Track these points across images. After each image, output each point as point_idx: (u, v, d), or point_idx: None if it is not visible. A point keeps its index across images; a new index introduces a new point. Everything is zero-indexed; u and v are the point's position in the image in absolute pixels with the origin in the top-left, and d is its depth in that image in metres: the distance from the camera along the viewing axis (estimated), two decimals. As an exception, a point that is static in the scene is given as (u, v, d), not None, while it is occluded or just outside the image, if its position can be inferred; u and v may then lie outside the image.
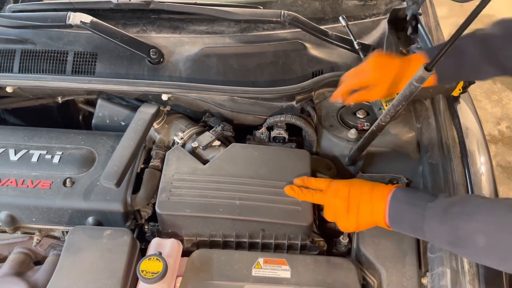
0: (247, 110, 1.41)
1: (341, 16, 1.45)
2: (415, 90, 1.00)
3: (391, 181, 1.35)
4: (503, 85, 3.72)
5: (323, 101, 1.43)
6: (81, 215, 1.21)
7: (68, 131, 1.37)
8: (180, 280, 1.09)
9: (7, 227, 1.23)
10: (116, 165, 1.17)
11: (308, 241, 1.20)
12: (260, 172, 1.23)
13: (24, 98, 1.54)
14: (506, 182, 2.93)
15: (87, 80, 1.36)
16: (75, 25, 1.34)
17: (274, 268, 1.10)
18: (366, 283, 1.16)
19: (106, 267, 1.06)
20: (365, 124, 1.33)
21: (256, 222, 1.16)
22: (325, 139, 1.35)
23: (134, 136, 1.26)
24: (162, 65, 1.39)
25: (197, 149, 1.33)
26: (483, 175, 1.24)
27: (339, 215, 1.08)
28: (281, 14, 1.36)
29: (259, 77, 1.39)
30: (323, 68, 1.41)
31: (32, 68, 1.39)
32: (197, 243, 1.22)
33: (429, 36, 1.54)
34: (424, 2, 1.58)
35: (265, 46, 1.44)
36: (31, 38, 1.43)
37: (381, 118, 1.11)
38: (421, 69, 0.95)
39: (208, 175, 1.22)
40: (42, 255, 1.29)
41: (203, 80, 1.36)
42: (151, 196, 1.26)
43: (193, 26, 1.51)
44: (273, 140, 1.41)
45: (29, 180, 1.22)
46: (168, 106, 1.44)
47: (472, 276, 1.04)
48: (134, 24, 1.50)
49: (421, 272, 1.13)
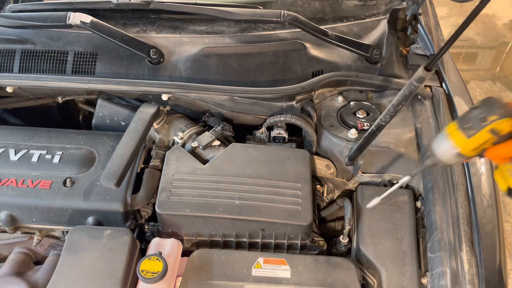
0: (247, 110, 1.41)
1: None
2: (415, 90, 1.00)
3: (390, 181, 1.36)
4: (503, 85, 3.72)
5: (323, 101, 1.43)
6: (81, 215, 1.21)
7: (68, 131, 1.37)
8: (180, 280, 1.09)
9: (7, 227, 1.23)
10: (116, 165, 1.17)
11: (308, 241, 1.20)
12: (260, 172, 1.23)
13: (24, 98, 1.54)
14: (506, 182, 2.93)
15: (87, 80, 1.36)
16: (75, 25, 1.34)
17: (274, 268, 1.11)
18: (366, 283, 1.16)
19: (106, 267, 1.06)
20: (365, 124, 1.33)
21: (256, 222, 1.16)
22: (325, 139, 1.35)
23: (134, 136, 1.26)
24: (162, 65, 1.39)
25: (197, 149, 1.33)
26: (483, 175, 1.24)
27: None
28: (281, 14, 1.36)
29: (259, 77, 1.39)
30: (323, 68, 1.41)
31: (32, 68, 1.39)
32: (197, 243, 1.22)
33: (429, 36, 1.54)
34: (424, 2, 1.58)
35: (265, 46, 1.44)
36: (31, 38, 1.43)
37: (381, 118, 1.11)
38: (421, 69, 0.95)
39: (208, 175, 1.22)
40: (42, 255, 1.29)
41: (203, 80, 1.37)
42: (151, 196, 1.26)
43: (193, 26, 1.51)
44: (273, 140, 1.41)
45: (29, 180, 1.22)
46: (168, 106, 1.44)
47: (472, 276, 1.04)
48: (134, 24, 1.50)
49: (421, 272, 1.13)
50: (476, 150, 0.90)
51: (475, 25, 4.22)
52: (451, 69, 1.55)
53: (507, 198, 1.33)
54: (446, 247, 1.09)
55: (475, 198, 1.17)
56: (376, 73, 1.43)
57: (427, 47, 1.51)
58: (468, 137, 0.89)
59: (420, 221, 1.23)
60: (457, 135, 0.90)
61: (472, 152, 0.91)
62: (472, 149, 0.90)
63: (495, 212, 1.19)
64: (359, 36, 1.50)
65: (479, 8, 0.83)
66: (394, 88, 1.40)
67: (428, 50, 1.49)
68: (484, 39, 4.24)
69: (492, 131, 0.87)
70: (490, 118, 0.86)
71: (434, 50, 1.49)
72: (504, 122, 0.86)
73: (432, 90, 1.41)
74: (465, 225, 1.12)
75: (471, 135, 0.89)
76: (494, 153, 0.92)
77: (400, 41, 1.47)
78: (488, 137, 0.88)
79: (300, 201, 1.18)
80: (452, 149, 0.92)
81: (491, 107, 0.87)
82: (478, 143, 0.89)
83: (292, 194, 1.19)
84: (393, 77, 1.41)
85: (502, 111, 0.86)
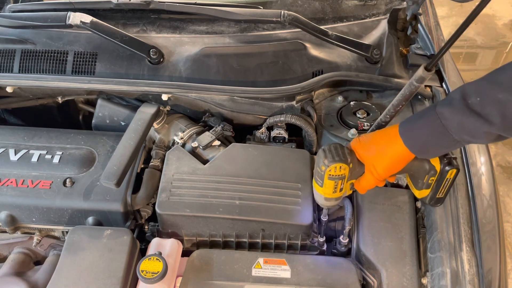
0: (247, 110, 1.41)
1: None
2: (415, 90, 1.00)
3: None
4: (503, 85, 3.71)
5: (323, 101, 1.43)
6: (81, 215, 1.21)
7: (68, 131, 1.37)
8: (180, 280, 1.09)
9: (7, 227, 1.23)
10: (116, 165, 1.17)
11: (308, 241, 1.20)
12: (260, 172, 1.23)
13: (24, 98, 1.54)
14: (506, 182, 2.93)
15: (87, 80, 1.36)
16: (75, 25, 1.34)
17: (274, 268, 1.10)
18: (366, 283, 1.16)
19: (106, 267, 1.06)
20: (365, 124, 1.33)
21: (256, 222, 1.16)
22: (325, 139, 1.35)
23: (134, 136, 1.26)
24: (162, 65, 1.39)
25: (197, 149, 1.33)
26: (483, 175, 1.25)
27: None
28: (281, 14, 1.36)
29: (259, 77, 1.39)
30: (323, 68, 1.41)
31: (32, 68, 1.39)
32: (197, 243, 1.22)
33: (429, 36, 1.54)
34: (424, 2, 1.58)
35: (265, 46, 1.44)
36: (31, 38, 1.43)
37: (381, 118, 1.11)
38: (421, 69, 0.95)
39: (208, 175, 1.22)
40: (42, 255, 1.29)
41: (203, 80, 1.37)
42: (151, 196, 1.26)
43: (193, 26, 1.51)
44: (273, 140, 1.41)
45: (29, 180, 1.22)
46: (168, 106, 1.44)
47: (472, 276, 1.04)
48: (134, 24, 1.50)
49: (421, 272, 1.13)
50: (336, 191, 1.02)
51: (475, 25, 4.22)
52: (451, 69, 1.55)
53: (507, 198, 1.33)
54: (446, 247, 1.09)
55: (475, 198, 1.17)
56: (376, 73, 1.43)
57: (427, 47, 1.51)
58: (321, 186, 1.02)
59: (420, 221, 1.23)
60: (317, 186, 1.04)
61: (336, 194, 1.03)
62: (332, 192, 1.03)
63: (495, 212, 1.19)
64: (359, 36, 1.50)
65: (479, 8, 0.83)
66: (394, 88, 1.40)
67: (428, 50, 1.49)
68: (484, 39, 4.24)
69: (332, 177, 0.99)
70: (321, 168, 0.98)
71: (434, 50, 1.49)
72: (332, 168, 0.97)
73: (432, 90, 1.41)
74: (465, 225, 1.12)
75: (321, 184, 1.02)
76: (360, 188, 1.07)
77: (400, 41, 1.47)
78: (333, 182, 1.00)
79: (300, 201, 1.18)
80: (320, 197, 1.07)
81: (319, 158, 0.99)
82: (331, 187, 1.01)
83: (292, 194, 1.19)
84: (393, 77, 1.41)
85: (326, 161, 0.97)
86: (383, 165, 0.99)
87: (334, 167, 0.97)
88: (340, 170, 0.98)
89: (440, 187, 1.03)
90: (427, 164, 1.00)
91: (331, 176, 0.99)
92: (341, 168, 0.98)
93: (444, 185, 1.02)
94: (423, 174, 1.02)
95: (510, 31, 4.37)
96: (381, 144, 0.99)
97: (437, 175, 1.00)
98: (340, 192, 1.03)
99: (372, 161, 1.00)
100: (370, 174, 1.02)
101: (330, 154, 0.97)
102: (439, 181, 1.01)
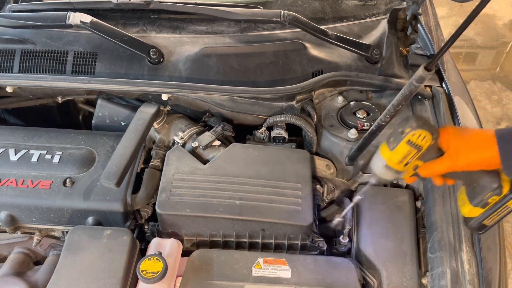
0: (247, 110, 1.41)
1: None
2: (415, 90, 1.00)
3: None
4: (503, 85, 3.72)
5: (323, 101, 1.43)
6: (81, 215, 1.21)
7: (68, 131, 1.37)
8: (180, 280, 1.09)
9: (7, 227, 1.23)
10: (116, 165, 1.17)
11: (308, 241, 1.20)
12: (260, 172, 1.23)
13: (24, 98, 1.54)
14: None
15: (87, 80, 1.36)
16: (75, 25, 1.34)
17: (274, 268, 1.10)
18: (366, 283, 1.16)
19: (106, 267, 1.06)
20: (365, 124, 1.33)
21: (256, 222, 1.16)
22: (325, 139, 1.35)
23: (134, 136, 1.26)
24: (162, 65, 1.39)
25: (197, 149, 1.33)
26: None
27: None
28: (281, 14, 1.36)
29: (259, 77, 1.39)
30: (323, 68, 1.41)
31: (32, 68, 1.39)
32: (197, 243, 1.22)
33: (429, 36, 1.54)
34: (424, 2, 1.58)
35: (265, 46, 1.44)
36: (31, 38, 1.43)
37: (381, 118, 1.11)
38: (421, 68, 0.95)
39: (208, 175, 1.22)
40: (42, 255, 1.29)
41: (203, 80, 1.37)
42: (151, 196, 1.26)
43: (193, 26, 1.51)
44: (273, 140, 1.41)
45: (29, 180, 1.22)
46: (168, 106, 1.44)
47: (472, 276, 1.04)
48: (134, 24, 1.50)
49: (421, 272, 1.13)
50: (402, 163, 0.95)
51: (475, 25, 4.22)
52: (451, 69, 1.55)
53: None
54: (446, 247, 1.09)
55: (475, 198, 1.17)
56: (376, 73, 1.43)
57: (427, 47, 1.51)
58: (391, 150, 0.95)
59: (420, 221, 1.23)
60: (384, 149, 0.96)
61: (399, 166, 0.96)
62: (398, 161, 0.95)
63: (495, 212, 1.19)
64: (359, 36, 1.50)
65: (479, 8, 0.83)
66: (394, 88, 1.41)
67: (428, 50, 1.49)
68: (484, 39, 4.24)
69: (410, 143, 0.92)
70: (406, 130, 0.92)
71: (434, 50, 1.49)
72: (417, 133, 0.91)
73: (432, 90, 1.41)
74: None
75: (393, 148, 0.94)
76: (425, 170, 0.98)
77: (400, 41, 1.47)
78: (408, 149, 0.93)
79: (300, 201, 1.18)
80: (381, 162, 0.98)
81: (407, 121, 0.94)
82: (401, 155, 0.94)
83: (292, 195, 1.19)
84: (393, 77, 1.41)
85: (415, 124, 0.92)
86: (469, 157, 0.92)
87: (419, 133, 0.91)
88: (422, 140, 0.92)
89: (494, 212, 0.95)
90: (497, 181, 0.93)
91: (410, 141, 0.92)
92: (424, 138, 0.92)
93: (500, 211, 0.95)
94: (488, 190, 0.94)
95: (510, 31, 4.37)
96: (476, 140, 0.93)
97: (501, 197, 0.94)
98: (403, 166, 0.95)
99: (458, 148, 0.94)
100: (449, 158, 0.94)
101: (421, 121, 0.92)
102: (498, 204, 0.94)
